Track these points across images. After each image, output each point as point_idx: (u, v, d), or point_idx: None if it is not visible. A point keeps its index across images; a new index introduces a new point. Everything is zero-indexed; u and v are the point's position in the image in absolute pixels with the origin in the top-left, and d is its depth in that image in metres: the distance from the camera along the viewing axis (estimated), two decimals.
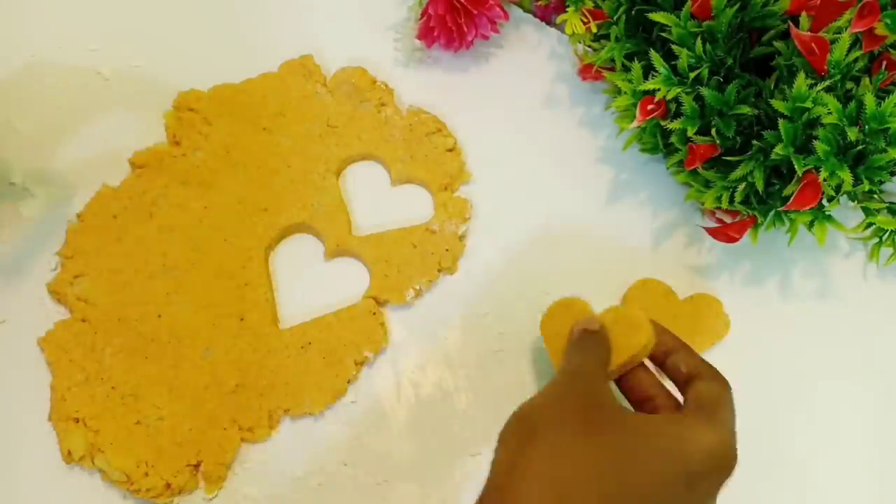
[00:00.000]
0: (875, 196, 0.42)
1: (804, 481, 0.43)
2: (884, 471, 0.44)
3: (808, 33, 0.38)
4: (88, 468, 0.40)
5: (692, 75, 0.41)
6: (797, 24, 0.39)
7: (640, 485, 0.30)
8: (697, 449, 0.32)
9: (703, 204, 0.43)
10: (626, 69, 0.44)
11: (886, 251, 0.45)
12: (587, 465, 0.30)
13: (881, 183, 0.41)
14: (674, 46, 0.41)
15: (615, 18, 0.44)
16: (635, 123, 0.42)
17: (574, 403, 0.33)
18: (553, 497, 0.29)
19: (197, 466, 0.41)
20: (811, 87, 0.38)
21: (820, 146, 0.38)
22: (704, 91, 0.40)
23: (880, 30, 0.37)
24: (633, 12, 0.44)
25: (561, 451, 0.30)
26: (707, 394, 0.35)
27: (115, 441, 0.40)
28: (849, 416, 0.45)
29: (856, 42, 0.38)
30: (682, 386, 0.37)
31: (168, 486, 0.40)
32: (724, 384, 0.36)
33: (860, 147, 0.38)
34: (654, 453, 0.31)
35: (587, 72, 0.48)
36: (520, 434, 0.32)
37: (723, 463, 0.33)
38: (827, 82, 0.38)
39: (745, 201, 0.42)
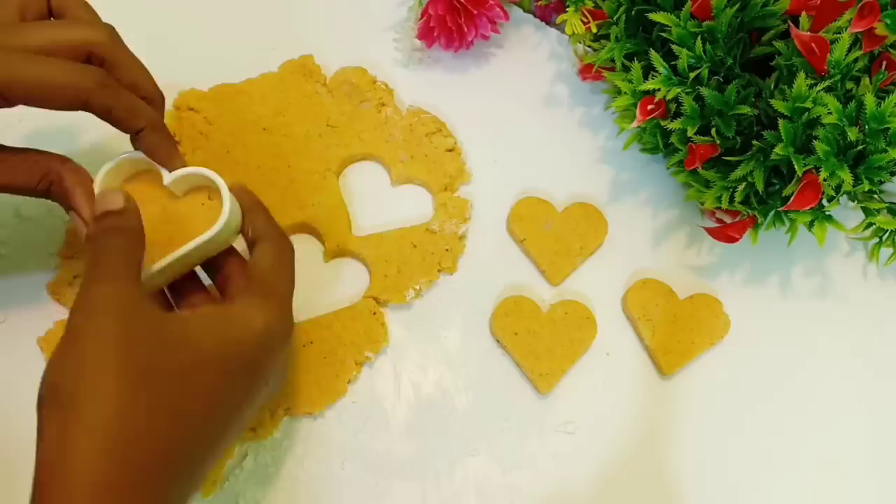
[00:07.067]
0: (875, 196, 0.42)
1: (803, 480, 0.43)
2: (883, 469, 0.44)
3: (808, 33, 0.38)
4: None
5: (692, 75, 0.41)
6: (797, 24, 0.39)
7: (198, 404, 0.30)
8: (248, 338, 0.32)
9: (703, 204, 0.43)
10: (626, 69, 0.44)
11: (886, 251, 0.45)
12: (139, 424, 0.28)
13: (881, 183, 0.41)
14: (674, 46, 0.41)
15: (615, 18, 0.44)
16: (635, 123, 0.42)
17: (110, 359, 0.28)
18: (106, 479, 0.27)
19: None
20: (811, 87, 0.38)
21: (820, 146, 0.38)
22: (704, 91, 0.40)
23: (880, 30, 0.37)
24: (633, 12, 0.44)
25: (108, 423, 0.27)
26: (263, 262, 0.35)
27: None
28: (849, 416, 0.45)
29: (856, 42, 0.38)
30: (251, 249, 0.37)
31: None
32: (282, 247, 0.36)
33: (860, 147, 0.38)
34: (202, 363, 0.30)
35: (587, 72, 0.49)
36: (59, 412, 0.28)
37: (277, 337, 0.34)
38: (827, 82, 0.38)
39: (745, 201, 0.42)
